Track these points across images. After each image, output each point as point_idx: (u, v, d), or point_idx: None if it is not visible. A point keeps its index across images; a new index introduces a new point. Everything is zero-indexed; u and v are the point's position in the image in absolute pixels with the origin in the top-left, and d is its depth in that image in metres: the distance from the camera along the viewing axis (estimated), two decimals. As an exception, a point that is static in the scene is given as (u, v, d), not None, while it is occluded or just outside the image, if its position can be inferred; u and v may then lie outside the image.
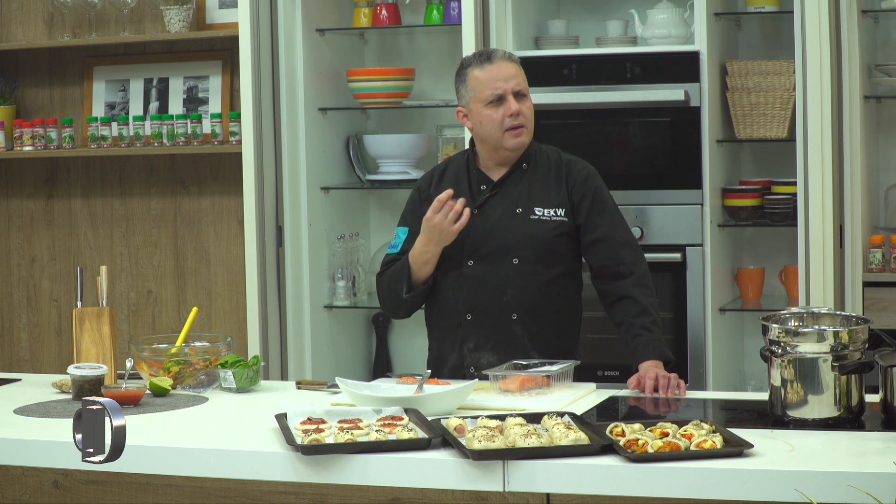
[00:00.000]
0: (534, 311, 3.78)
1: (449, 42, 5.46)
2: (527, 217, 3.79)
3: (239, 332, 5.38)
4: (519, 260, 3.78)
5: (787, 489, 2.67)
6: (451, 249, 3.78)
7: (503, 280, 3.77)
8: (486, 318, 3.78)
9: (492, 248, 3.79)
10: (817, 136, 4.68)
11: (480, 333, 3.78)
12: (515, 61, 3.82)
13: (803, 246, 4.74)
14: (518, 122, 3.77)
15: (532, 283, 3.77)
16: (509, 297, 3.77)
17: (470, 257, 3.80)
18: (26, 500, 3.22)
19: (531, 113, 3.82)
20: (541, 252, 3.78)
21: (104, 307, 3.94)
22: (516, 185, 3.82)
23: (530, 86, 5.08)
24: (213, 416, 3.45)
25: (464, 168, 3.88)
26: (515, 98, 3.77)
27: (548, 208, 3.79)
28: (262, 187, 5.23)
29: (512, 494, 2.85)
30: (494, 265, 3.79)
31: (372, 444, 2.95)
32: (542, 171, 3.84)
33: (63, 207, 6.01)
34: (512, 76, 3.77)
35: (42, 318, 6.07)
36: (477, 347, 3.78)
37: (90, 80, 5.91)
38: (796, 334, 3.13)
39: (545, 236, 3.78)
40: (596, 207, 3.80)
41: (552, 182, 3.82)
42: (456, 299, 3.81)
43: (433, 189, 3.87)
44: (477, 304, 3.79)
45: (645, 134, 5.02)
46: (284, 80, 5.26)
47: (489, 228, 3.80)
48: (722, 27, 5.07)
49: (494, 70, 3.77)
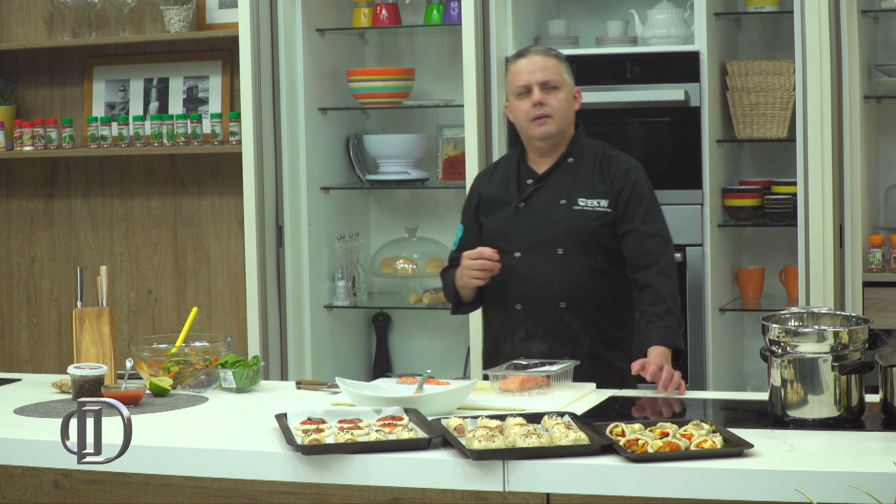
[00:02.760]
0: (581, 299, 3.86)
1: (449, 42, 5.46)
2: (570, 208, 3.89)
3: (239, 332, 5.38)
4: (564, 250, 3.87)
5: (787, 489, 2.67)
6: (499, 242, 3.90)
7: (549, 271, 3.87)
8: (534, 308, 3.88)
9: (537, 239, 3.89)
10: (817, 136, 4.68)
11: (530, 323, 3.87)
12: (552, 55, 3.93)
13: (803, 246, 4.74)
14: (541, 112, 3.87)
15: (578, 272, 3.86)
16: (556, 286, 3.86)
17: (517, 249, 3.90)
18: (26, 500, 3.22)
19: (561, 104, 3.89)
20: (585, 241, 3.87)
21: (104, 307, 3.94)
22: (561, 178, 3.93)
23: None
24: (213, 416, 3.45)
25: (514, 165, 4.00)
26: (542, 89, 3.87)
27: (591, 199, 3.89)
28: (262, 187, 5.23)
29: (512, 494, 2.85)
30: (540, 256, 3.88)
31: (372, 444, 2.95)
32: (588, 164, 3.94)
33: (63, 207, 6.01)
34: (539, 68, 3.88)
35: (42, 318, 6.07)
36: (527, 337, 3.87)
37: (90, 80, 5.91)
38: (796, 334, 3.13)
39: (588, 226, 3.87)
40: (633, 200, 3.89)
41: (595, 174, 3.92)
42: (505, 290, 3.91)
43: (483, 187, 4.03)
44: (525, 294, 3.89)
45: (645, 134, 5.02)
46: (284, 80, 5.26)
47: (534, 220, 3.90)
48: (722, 27, 5.07)
49: (524, 63, 3.91)
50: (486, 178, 4.05)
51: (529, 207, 3.92)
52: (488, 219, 3.98)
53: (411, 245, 5.52)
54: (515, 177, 3.97)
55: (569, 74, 3.94)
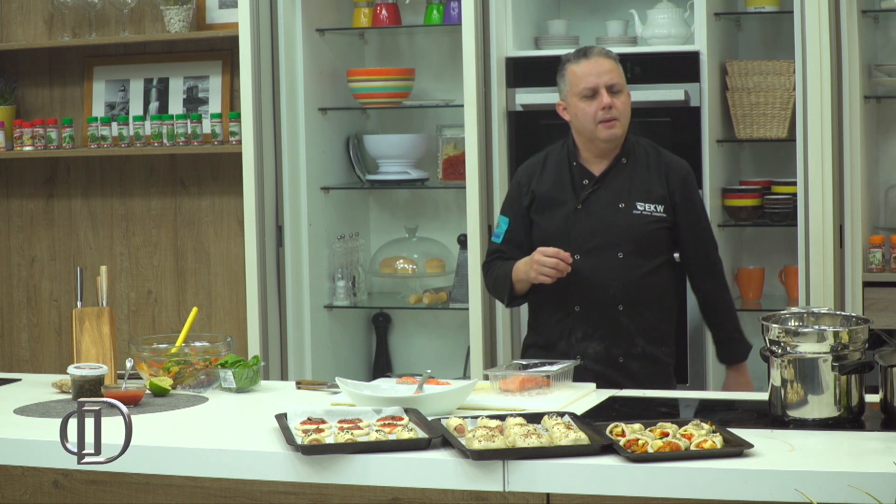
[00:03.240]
0: (638, 301, 3.93)
1: (449, 42, 5.46)
2: (629, 212, 3.95)
3: (239, 332, 5.38)
4: (623, 254, 3.93)
5: (787, 489, 2.67)
6: (559, 244, 3.92)
7: (609, 274, 3.92)
8: (593, 310, 3.93)
9: (597, 242, 3.94)
10: (817, 136, 4.68)
11: (588, 324, 3.93)
12: (612, 57, 3.96)
13: (803, 246, 4.74)
14: (610, 115, 3.91)
15: (636, 275, 3.93)
16: (616, 290, 3.92)
17: (577, 251, 3.93)
18: (26, 500, 3.22)
19: (625, 107, 3.94)
20: (643, 245, 3.94)
21: (104, 307, 3.94)
22: (617, 179, 3.97)
23: (531, 85, 5.09)
24: (213, 416, 3.45)
25: (565, 162, 4.02)
26: (608, 91, 3.90)
27: (649, 203, 3.95)
28: (262, 187, 5.23)
29: (512, 494, 2.85)
30: (601, 259, 3.93)
31: (372, 444, 2.95)
32: (642, 164, 3.99)
33: (63, 207, 6.01)
34: (606, 71, 3.92)
35: (42, 318, 6.07)
36: (585, 337, 3.93)
37: (90, 80, 5.91)
38: (796, 334, 3.13)
39: (646, 229, 3.94)
40: (692, 208, 4.02)
41: (652, 177, 3.98)
42: (564, 291, 3.94)
43: (535, 182, 4.03)
44: (585, 297, 3.94)
45: (645, 134, 4.98)
46: (284, 80, 5.26)
47: (594, 223, 3.95)
48: (722, 27, 5.07)
49: (589, 65, 3.92)
50: (537, 174, 4.05)
51: (588, 209, 3.96)
52: (543, 217, 4.00)
53: (411, 245, 5.52)
54: (569, 176, 3.99)
55: (624, 77, 3.98)
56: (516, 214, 4.05)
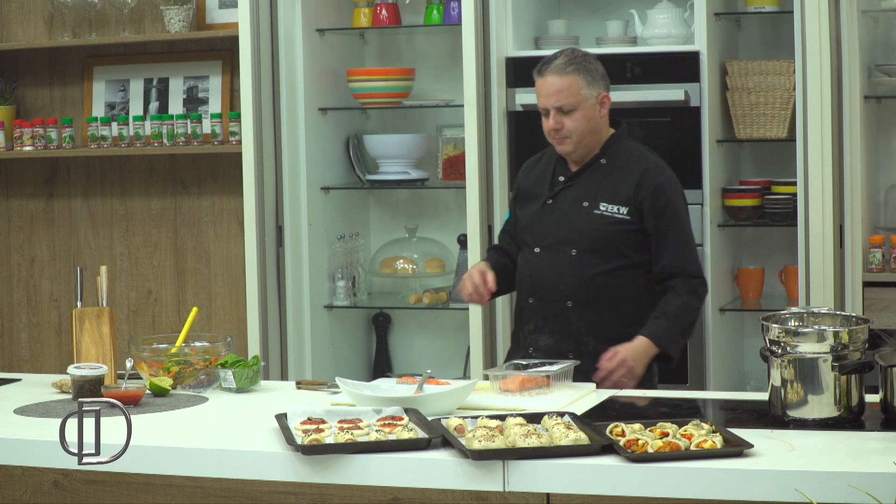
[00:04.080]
0: (589, 300, 3.93)
1: (449, 42, 5.46)
2: (590, 211, 3.95)
3: (239, 332, 5.38)
4: (577, 252, 3.94)
5: (787, 489, 2.67)
6: (525, 235, 4.02)
7: (560, 270, 3.95)
8: (544, 304, 3.97)
9: (555, 237, 3.97)
10: (817, 136, 4.68)
11: (539, 317, 3.97)
12: (568, 71, 3.92)
13: (803, 246, 4.74)
14: (559, 136, 3.94)
15: (587, 274, 3.93)
16: (565, 285, 3.94)
17: (537, 244, 4.00)
18: (26, 500, 3.22)
19: (578, 124, 3.92)
20: (600, 245, 3.93)
21: (104, 307, 3.94)
22: (589, 179, 3.98)
23: (531, 85, 5.04)
24: (213, 416, 3.45)
25: (554, 158, 4.07)
26: (557, 112, 3.91)
27: (613, 204, 3.94)
28: (262, 187, 5.23)
29: (512, 494, 2.85)
30: (555, 255, 3.97)
31: (372, 444, 2.95)
32: (620, 167, 3.98)
33: (63, 207, 6.01)
34: (555, 92, 3.92)
35: (42, 318, 6.07)
36: (536, 329, 3.96)
37: (90, 80, 5.92)
38: (796, 334, 3.13)
39: (605, 230, 3.93)
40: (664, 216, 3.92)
41: (625, 179, 3.96)
42: (523, 283, 4.03)
43: (524, 178, 4.13)
44: (538, 289, 3.99)
45: (645, 134, 5.01)
46: (284, 80, 5.26)
47: (556, 219, 3.98)
48: (722, 27, 5.07)
49: (543, 84, 3.96)
50: (529, 170, 4.14)
51: (555, 206, 4.00)
52: (522, 211, 4.08)
53: (411, 245, 5.52)
54: (551, 172, 4.05)
55: (591, 85, 3.93)
56: (512, 208, 4.16)
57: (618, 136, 4.01)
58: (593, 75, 3.94)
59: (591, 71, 3.94)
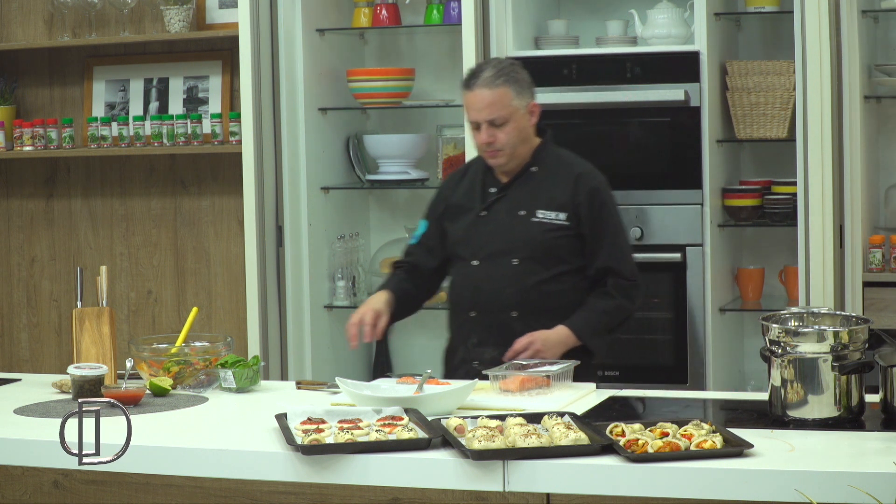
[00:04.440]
0: (533, 309, 3.89)
1: (449, 42, 5.46)
2: (528, 219, 3.92)
3: (239, 332, 5.38)
4: (519, 260, 3.91)
5: (787, 489, 2.67)
6: (460, 249, 3.97)
7: (503, 279, 3.90)
8: (487, 316, 3.92)
9: (494, 248, 3.93)
10: (817, 136, 4.68)
11: (483, 330, 3.92)
12: (498, 84, 3.86)
13: (803, 246, 4.74)
14: (492, 149, 3.88)
15: (530, 282, 3.90)
16: (508, 295, 3.90)
17: (475, 257, 3.95)
18: (26, 500, 3.22)
19: (510, 136, 3.88)
20: (540, 253, 3.90)
21: (104, 307, 3.94)
22: (522, 188, 3.95)
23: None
24: (213, 416, 3.45)
25: (481, 170, 4.02)
26: (489, 126, 3.85)
27: (551, 210, 3.91)
28: (262, 187, 5.23)
29: (512, 494, 2.85)
30: (496, 266, 3.92)
31: (372, 444, 2.95)
32: (552, 174, 3.95)
33: (63, 207, 6.01)
34: (486, 105, 3.85)
35: (42, 318, 6.07)
36: (480, 343, 3.92)
37: (90, 80, 5.91)
38: (796, 334, 3.13)
39: (545, 238, 3.90)
40: (600, 220, 3.91)
41: (560, 185, 3.93)
42: (462, 296, 3.99)
43: (452, 191, 4.06)
44: (480, 301, 3.94)
45: (645, 134, 5.02)
46: (284, 80, 5.26)
47: (493, 230, 3.94)
48: (722, 27, 5.07)
49: (471, 98, 3.88)
50: (455, 184, 4.08)
51: (490, 217, 3.96)
52: (452, 225, 4.02)
53: (411, 245, 5.51)
54: (480, 184, 4.00)
55: (521, 95, 3.89)
56: (433, 220, 4.07)
57: (546, 144, 3.99)
58: (522, 85, 3.90)
59: (519, 81, 3.90)
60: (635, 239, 4.96)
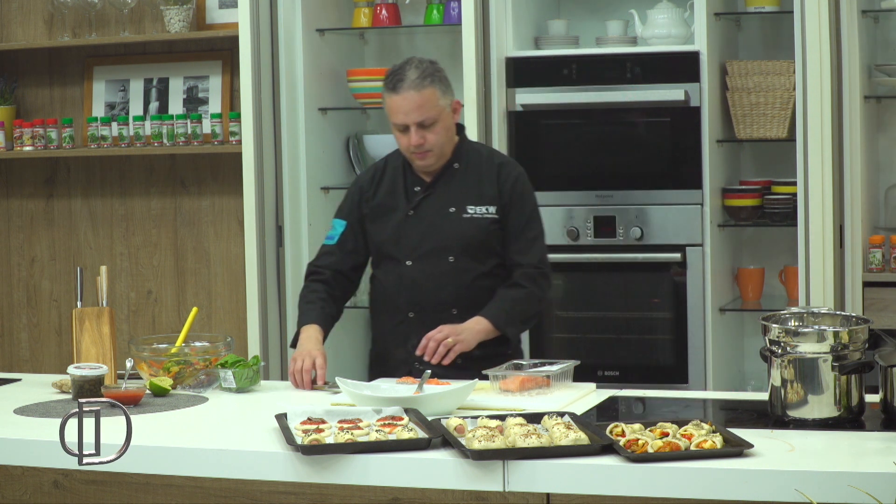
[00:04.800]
0: (472, 305, 3.87)
1: (449, 42, 5.46)
2: (459, 216, 3.91)
3: (239, 332, 5.38)
4: (454, 257, 3.90)
5: (787, 489, 2.67)
6: (390, 250, 3.93)
7: (441, 278, 3.90)
8: (427, 316, 3.89)
9: (428, 248, 3.91)
10: (817, 136, 4.68)
11: (423, 330, 3.85)
12: (425, 85, 3.83)
13: (803, 246, 4.74)
14: (421, 151, 3.85)
15: (468, 279, 3.90)
16: (447, 293, 3.90)
17: (408, 257, 3.93)
18: (26, 500, 3.22)
19: (439, 136, 3.85)
20: (474, 248, 3.90)
21: (104, 307, 3.94)
22: (449, 185, 3.93)
23: (531, 85, 5.07)
24: (213, 416, 3.45)
25: (400, 169, 3.97)
26: (419, 127, 3.82)
27: (480, 205, 3.91)
28: (262, 187, 5.23)
29: (512, 494, 2.85)
30: (432, 264, 3.91)
31: (372, 444, 2.95)
32: (474, 168, 3.94)
33: (63, 207, 6.01)
34: (415, 107, 3.81)
35: (42, 318, 6.07)
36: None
37: (90, 80, 5.91)
38: (796, 334, 3.13)
39: (477, 233, 3.90)
40: (518, 208, 3.90)
41: (484, 180, 3.92)
42: (398, 298, 3.95)
43: (372, 191, 3.98)
44: (418, 302, 3.92)
45: (645, 134, 5.03)
46: (284, 80, 5.26)
47: (425, 229, 3.91)
48: (722, 27, 5.07)
49: (398, 101, 3.83)
50: (373, 183, 4.00)
51: (419, 215, 3.93)
52: (376, 226, 3.97)
53: (411, 245, 5.51)
54: (403, 183, 3.96)
55: (445, 94, 3.87)
56: (352, 220, 4.00)
57: (463, 140, 3.97)
58: (445, 84, 3.89)
59: (443, 80, 3.89)
60: (635, 239, 4.97)
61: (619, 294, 5.10)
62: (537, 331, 5.08)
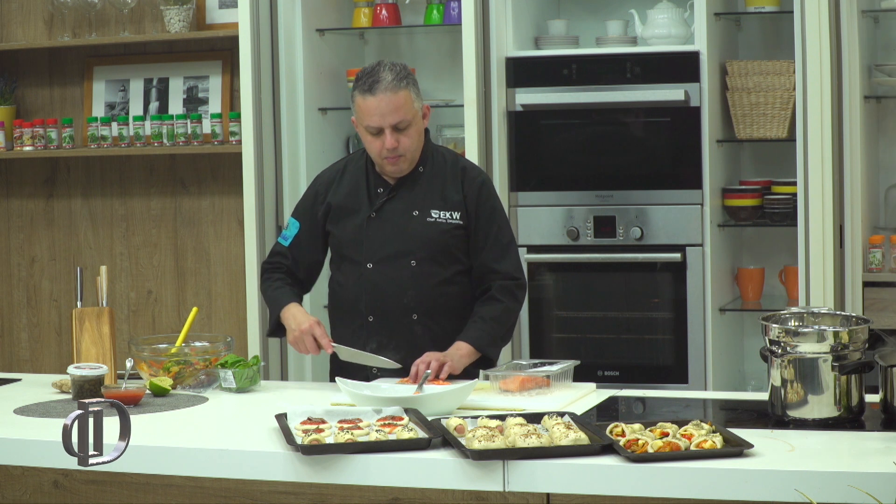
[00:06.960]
0: (433, 310, 3.83)
1: (449, 42, 5.46)
2: (423, 220, 3.84)
3: (239, 332, 5.38)
4: (416, 262, 3.83)
5: (787, 489, 2.67)
6: (350, 252, 3.86)
7: (402, 282, 3.83)
8: (387, 320, 3.84)
9: (390, 251, 3.84)
10: (817, 136, 4.68)
11: (383, 334, 3.83)
12: (401, 87, 3.76)
13: (803, 246, 4.74)
14: (395, 154, 3.78)
15: (430, 284, 3.83)
16: (409, 298, 3.83)
17: (369, 260, 3.85)
18: (26, 500, 3.22)
19: (413, 140, 3.79)
20: (437, 253, 3.83)
21: (104, 307, 3.94)
22: (413, 188, 3.85)
23: (531, 85, 5.07)
24: (213, 416, 3.45)
25: (362, 170, 3.91)
26: (394, 130, 3.75)
27: (444, 210, 3.84)
28: (262, 187, 5.23)
29: (512, 494, 2.85)
30: (393, 268, 3.84)
31: (372, 444, 2.95)
32: (439, 173, 3.87)
33: (63, 207, 6.01)
34: (392, 110, 3.74)
35: (42, 318, 6.07)
36: (380, 347, 3.82)
37: (90, 80, 5.92)
38: (796, 334, 3.13)
39: (441, 238, 3.83)
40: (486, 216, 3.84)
41: (448, 185, 3.86)
42: (357, 301, 3.87)
43: (332, 192, 3.91)
44: (378, 306, 3.85)
45: (645, 134, 5.03)
46: (284, 80, 5.26)
47: (387, 232, 3.84)
48: (722, 27, 5.07)
49: (375, 103, 3.73)
50: (334, 184, 3.93)
51: (381, 218, 3.85)
52: (338, 227, 3.89)
53: (411, 245, 5.51)
54: (365, 185, 3.89)
55: (418, 97, 3.81)
56: (309, 222, 3.93)
57: (428, 143, 3.90)
58: (417, 87, 3.83)
59: (415, 83, 3.83)
60: (635, 239, 4.97)
61: (619, 294, 5.10)
62: (537, 331, 5.09)
